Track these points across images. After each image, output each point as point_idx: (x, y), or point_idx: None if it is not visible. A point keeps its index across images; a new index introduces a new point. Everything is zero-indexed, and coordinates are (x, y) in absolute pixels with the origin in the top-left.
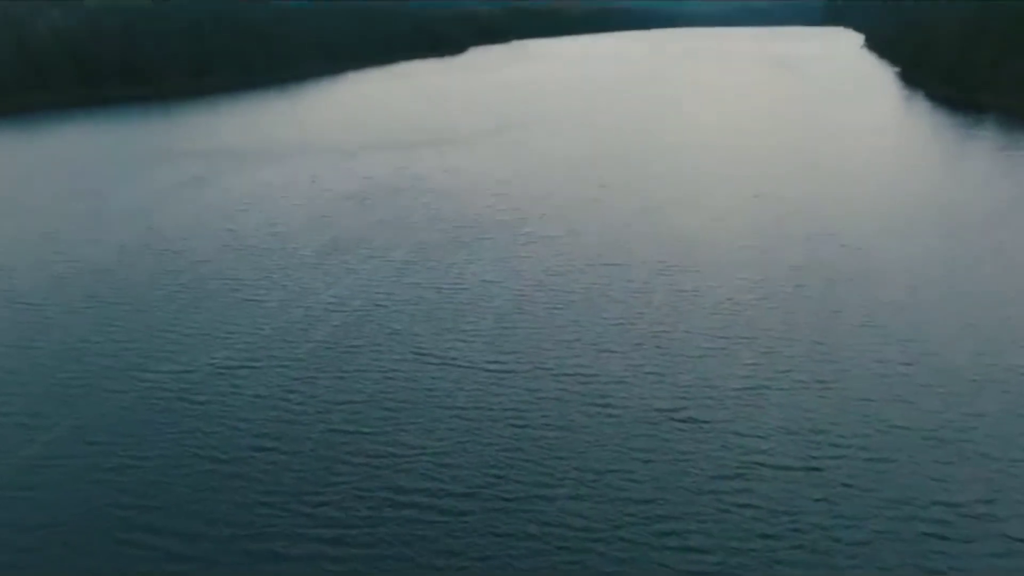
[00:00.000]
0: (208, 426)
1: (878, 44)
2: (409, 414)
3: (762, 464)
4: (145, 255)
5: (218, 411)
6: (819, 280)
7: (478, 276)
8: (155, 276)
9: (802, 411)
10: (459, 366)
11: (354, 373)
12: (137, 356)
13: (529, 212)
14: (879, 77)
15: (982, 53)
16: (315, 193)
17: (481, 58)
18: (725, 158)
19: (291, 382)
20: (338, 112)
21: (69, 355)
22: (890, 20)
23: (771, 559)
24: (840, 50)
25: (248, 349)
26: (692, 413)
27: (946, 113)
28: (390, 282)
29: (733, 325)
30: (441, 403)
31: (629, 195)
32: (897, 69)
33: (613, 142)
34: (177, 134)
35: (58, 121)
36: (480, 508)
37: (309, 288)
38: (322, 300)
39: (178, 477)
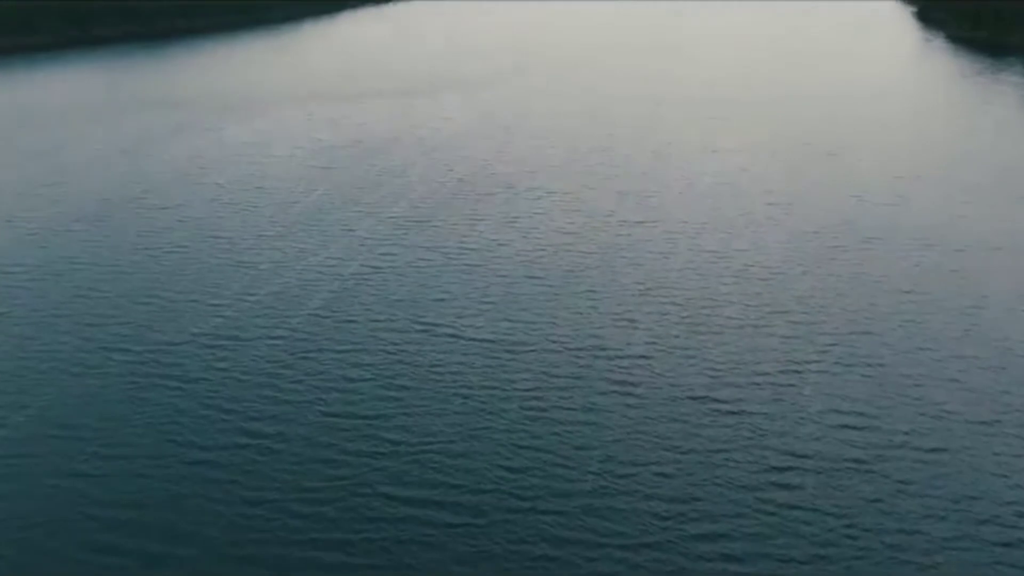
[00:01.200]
0: (192, 410)
1: None
2: (413, 397)
3: (805, 457)
4: (127, 211)
5: (204, 392)
6: (855, 240)
7: (484, 235)
8: (137, 235)
9: (845, 396)
10: (466, 340)
11: (352, 349)
12: (114, 328)
13: (537, 162)
14: (894, 18)
15: None
16: (309, 142)
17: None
18: (733, 102)
19: (284, 358)
20: (333, 56)
21: (36, 327)
22: None
23: (824, 572)
24: None
25: (237, 319)
26: (725, 397)
27: (969, 55)
28: (389, 243)
29: (764, 292)
30: (447, 385)
31: (642, 141)
32: (914, 9)
33: (623, 84)
34: (166, 78)
35: (47, 63)
36: (492, 507)
37: (304, 249)
38: (317, 263)
39: (156, 469)
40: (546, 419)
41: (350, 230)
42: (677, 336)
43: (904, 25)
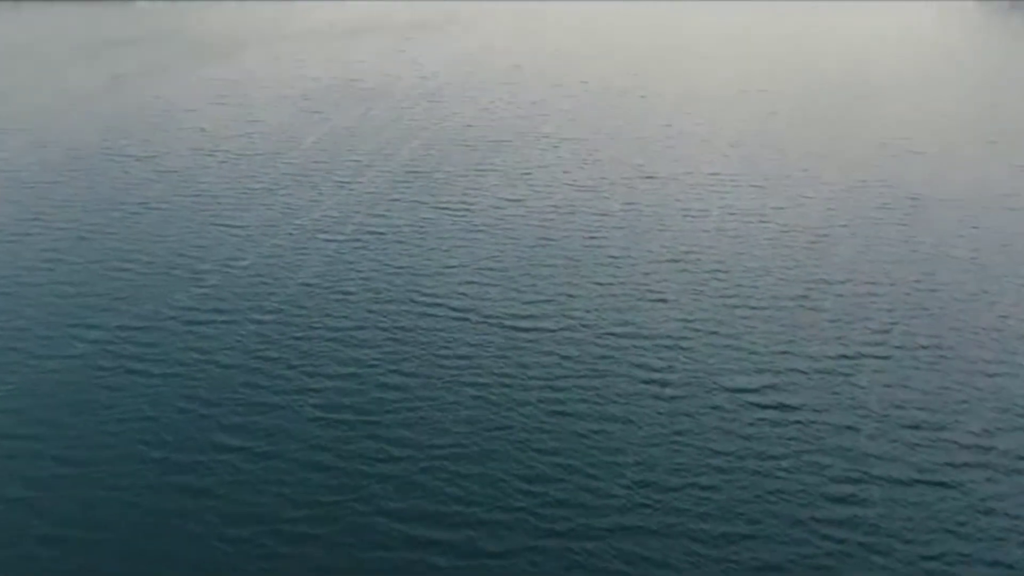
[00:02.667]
0: (168, 403)
1: None
2: (418, 388)
3: (868, 466)
4: (96, 163)
5: (181, 382)
6: (905, 201)
7: (493, 191)
8: (108, 191)
9: (909, 388)
10: (476, 319)
11: (349, 328)
12: (80, 302)
13: (550, 107)
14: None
15: None
16: (299, 82)
17: None
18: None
19: (273, 338)
20: None
21: None
22: None
23: None
24: None
25: (220, 292)
26: (770, 390)
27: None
28: (388, 200)
29: (806, 259)
30: (456, 373)
31: (667, 84)
32: None
33: (640, 23)
34: (140, 14)
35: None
36: (511, 528)
37: (294, 207)
38: (309, 224)
39: (123, 478)
40: (569, 416)
41: (345, 184)
42: (712, 314)
43: None
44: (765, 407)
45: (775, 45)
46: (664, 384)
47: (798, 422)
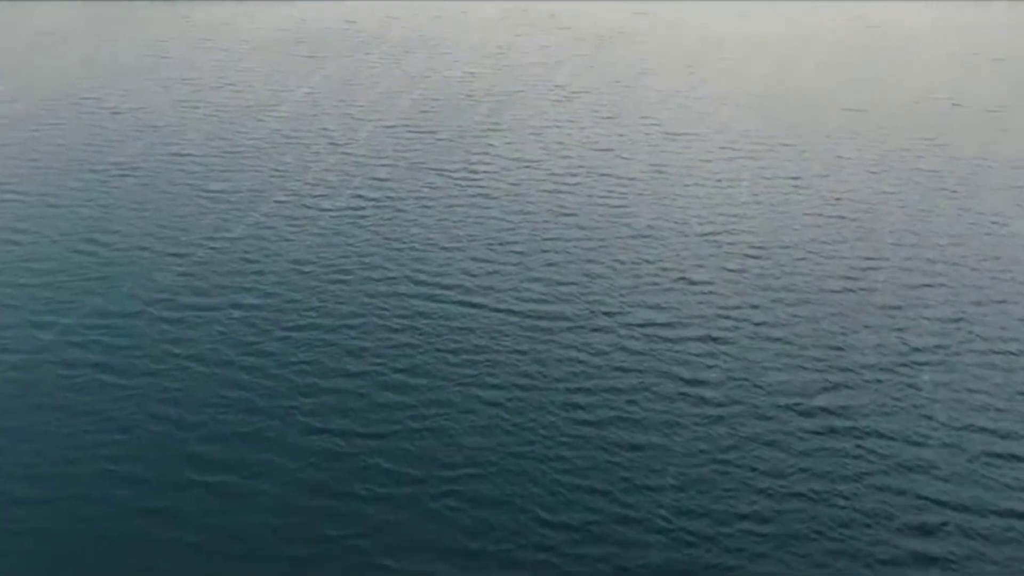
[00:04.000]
0: (139, 422)
1: None
2: (423, 400)
3: (945, 502)
4: (65, 117)
5: (155, 394)
6: (958, 165)
7: (503, 152)
8: (79, 151)
9: (985, 405)
10: (486, 311)
11: (345, 325)
12: (40, 291)
13: (561, 53)
14: None
15: None
16: (291, 25)
17: None
18: None
19: (258, 338)
20: None
21: None
22: None
23: None
24: None
25: (200, 277)
26: (824, 401)
27: None
28: (387, 163)
29: (852, 237)
30: (466, 381)
31: (689, 29)
32: None
33: None
34: None
35: None
36: (530, 566)
37: (284, 170)
38: (300, 191)
39: (83, 520)
40: (595, 428)
41: (340, 144)
42: (752, 302)
43: None
44: (817, 417)
45: None
46: (702, 388)
47: (855, 434)
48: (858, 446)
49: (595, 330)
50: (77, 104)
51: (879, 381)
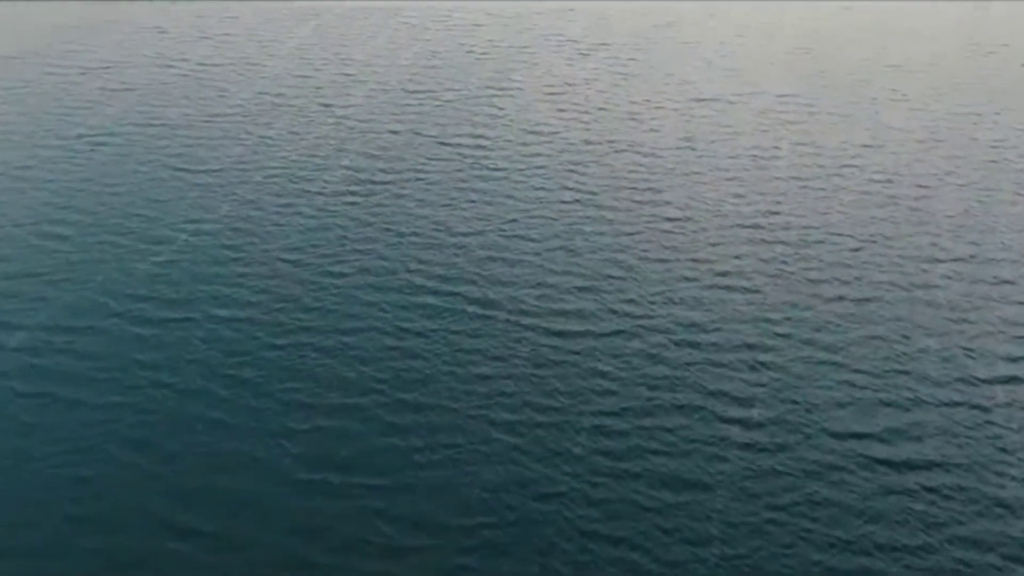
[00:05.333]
0: (100, 459)
1: None
2: (433, 428)
3: None
4: (34, 76)
5: (125, 422)
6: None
7: (513, 121)
8: (49, 116)
9: None
10: (500, 320)
11: (343, 331)
12: (15, 285)
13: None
14: None
15: None
16: None
17: None
18: None
19: (243, 353)
20: None
21: None
22: None
23: None
24: None
25: (177, 274)
26: (894, 444)
27: None
28: (384, 135)
29: (913, 228)
30: (480, 405)
31: None
32: None
33: None
34: None
35: None
36: None
37: (271, 142)
38: (289, 167)
39: (42, 562)
40: (629, 475)
41: (332, 108)
42: (801, 309)
43: None
44: (880, 448)
45: None
46: (746, 411)
47: (923, 471)
48: (927, 487)
49: (623, 339)
50: (40, 62)
51: (946, 404)
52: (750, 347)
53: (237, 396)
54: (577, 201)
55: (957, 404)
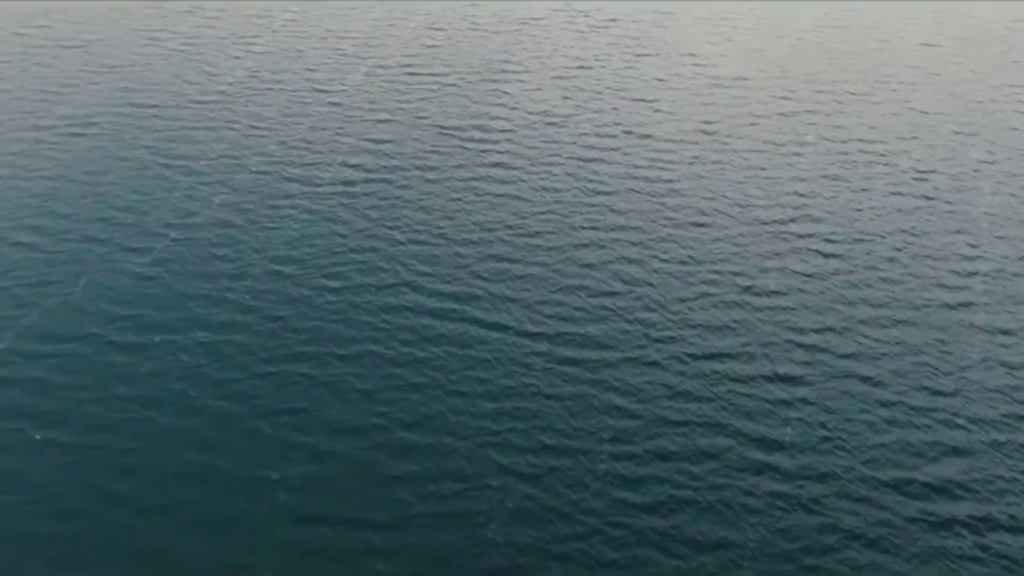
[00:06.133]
0: (82, 507)
1: None
2: (432, 453)
3: None
4: (11, 54)
5: (105, 462)
6: None
7: (519, 105)
8: (27, 100)
9: None
10: (509, 340)
11: (340, 341)
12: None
13: None
14: None
15: None
16: None
17: None
18: None
19: (230, 381)
20: None
21: None
22: None
23: None
24: None
25: (161, 286)
26: (951, 495)
27: None
28: (382, 122)
29: (948, 237)
30: (488, 434)
31: None
32: None
33: None
34: None
35: None
36: None
37: (264, 127)
38: (283, 157)
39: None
40: (650, 529)
41: (327, 92)
42: (836, 333)
43: None
44: (925, 499)
45: None
46: (777, 454)
47: (973, 524)
48: (979, 544)
49: (640, 364)
50: (19, 36)
51: (995, 445)
52: (779, 376)
53: (223, 433)
54: (588, 200)
55: (1006, 444)
